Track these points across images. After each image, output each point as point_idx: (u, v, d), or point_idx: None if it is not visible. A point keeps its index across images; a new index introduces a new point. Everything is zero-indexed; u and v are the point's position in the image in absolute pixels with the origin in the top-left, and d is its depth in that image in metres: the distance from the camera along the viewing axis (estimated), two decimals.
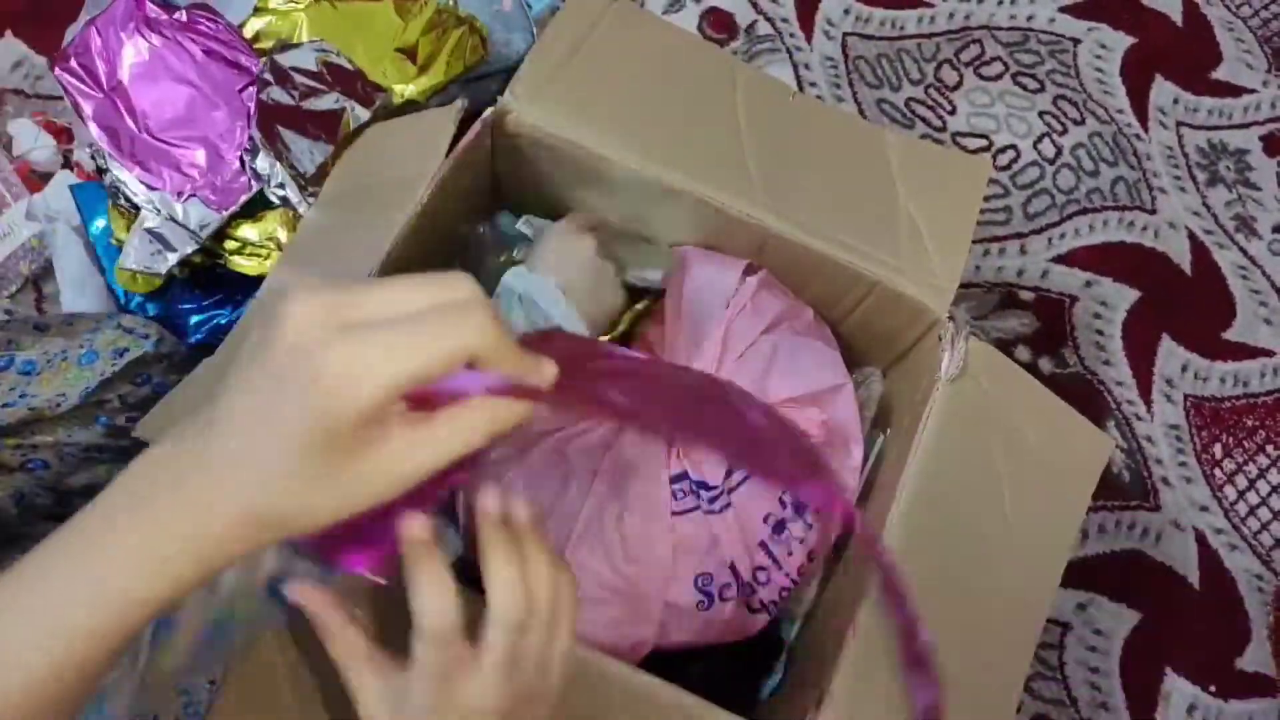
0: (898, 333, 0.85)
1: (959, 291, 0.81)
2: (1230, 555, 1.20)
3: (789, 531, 0.76)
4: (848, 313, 0.86)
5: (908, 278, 0.81)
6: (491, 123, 0.81)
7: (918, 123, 1.39)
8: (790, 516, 0.77)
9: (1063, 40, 1.48)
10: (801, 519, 0.77)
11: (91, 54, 0.97)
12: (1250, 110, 1.48)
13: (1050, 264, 1.33)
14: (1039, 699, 1.11)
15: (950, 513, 0.74)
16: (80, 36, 0.98)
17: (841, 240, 0.81)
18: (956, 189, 0.86)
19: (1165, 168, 1.41)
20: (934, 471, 0.74)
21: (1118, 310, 1.31)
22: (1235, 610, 1.18)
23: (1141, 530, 1.20)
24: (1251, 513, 1.23)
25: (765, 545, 0.75)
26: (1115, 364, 1.28)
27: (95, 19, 0.99)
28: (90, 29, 0.97)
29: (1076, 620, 1.14)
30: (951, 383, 0.77)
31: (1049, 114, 1.42)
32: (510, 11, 1.24)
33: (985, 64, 1.45)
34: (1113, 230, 1.36)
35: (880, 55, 1.43)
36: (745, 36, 1.41)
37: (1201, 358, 1.30)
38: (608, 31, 0.85)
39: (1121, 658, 1.14)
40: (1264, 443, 1.27)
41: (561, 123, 0.80)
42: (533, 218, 0.92)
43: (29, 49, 1.24)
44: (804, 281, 0.85)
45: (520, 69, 0.81)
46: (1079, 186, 1.38)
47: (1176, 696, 1.13)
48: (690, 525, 0.74)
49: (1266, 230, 1.40)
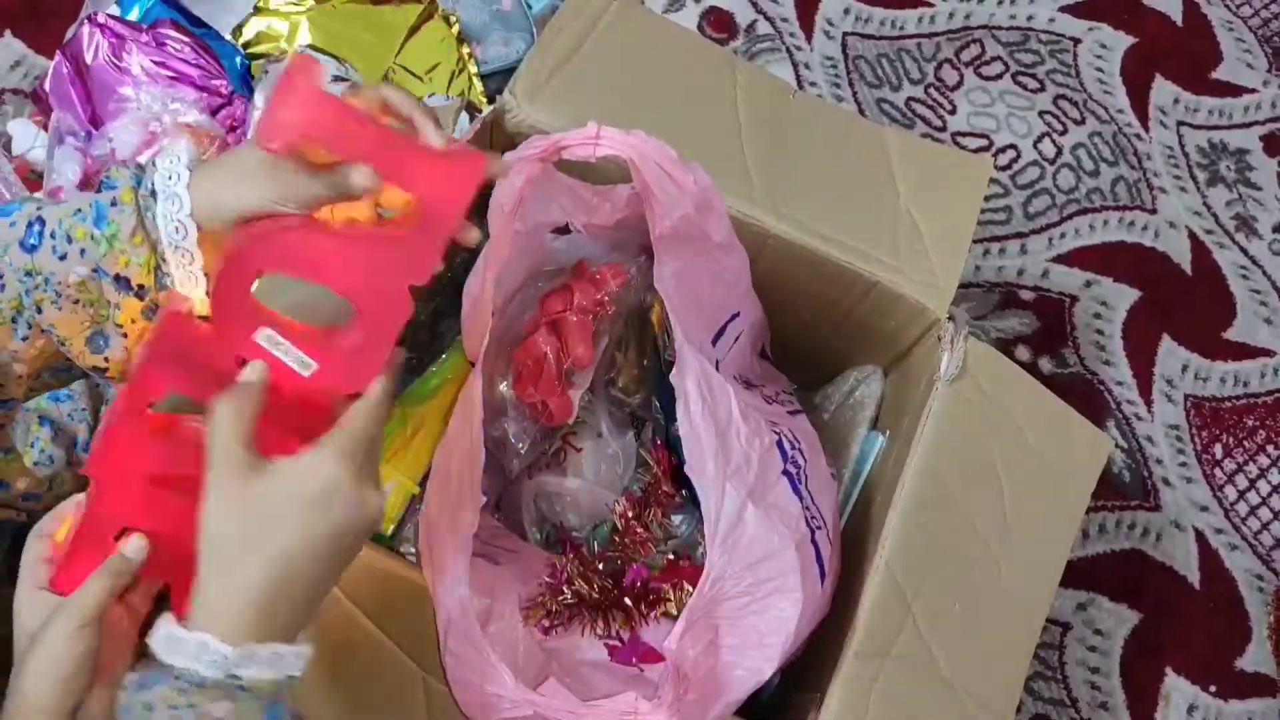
0: (897, 333, 0.85)
1: (959, 291, 0.81)
2: (1230, 555, 1.20)
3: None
4: (848, 313, 0.86)
5: (907, 278, 0.81)
6: (491, 122, 0.81)
7: (918, 122, 1.39)
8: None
9: (1063, 40, 1.48)
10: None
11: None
12: (1250, 110, 1.48)
13: (1050, 264, 1.32)
14: (1039, 699, 1.11)
15: (950, 512, 0.74)
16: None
17: (841, 240, 0.81)
18: (957, 189, 0.86)
19: (1165, 167, 1.41)
20: (934, 471, 0.74)
21: (1118, 310, 1.31)
22: (1235, 610, 1.18)
23: (1141, 530, 1.20)
24: (1252, 513, 1.23)
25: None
26: (1115, 364, 1.28)
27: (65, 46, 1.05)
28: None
29: (1076, 620, 1.14)
30: (951, 383, 0.77)
31: (1049, 114, 1.42)
32: (510, 11, 1.24)
33: (985, 64, 1.45)
34: (1113, 230, 1.36)
35: (880, 55, 1.43)
36: (745, 36, 1.41)
37: (1202, 358, 1.30)
38: (607, 31, 0.85)
39: (1121, 658, 1.14)
40: (1264, 443, 1.27)
41: (561, 122, 0.80)
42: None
43: (27, 48, 1.24)
44: (804, 281, 0.85)
45: (520, 68, 0.81)
46: (1079, 186, 1.38)
47: (1176, 696, 1.13)
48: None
49: (1267, 230, 1.40)
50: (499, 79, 1.22)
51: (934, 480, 0.74)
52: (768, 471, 0.67)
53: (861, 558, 0.75)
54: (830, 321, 0.88)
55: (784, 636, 0.64)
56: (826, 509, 0.73)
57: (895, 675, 0.69)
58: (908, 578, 0.71)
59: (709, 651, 0.64)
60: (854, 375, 0.93)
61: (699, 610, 0.62)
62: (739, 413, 0.65)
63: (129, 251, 0.56)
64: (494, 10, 1.24)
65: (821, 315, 0.88)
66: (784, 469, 0.69)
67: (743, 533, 0.63)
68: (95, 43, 1.08)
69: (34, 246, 0.56)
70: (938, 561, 0.72)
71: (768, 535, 0.64)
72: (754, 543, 0.63)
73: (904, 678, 0.69)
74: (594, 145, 0.63)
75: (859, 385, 0.91)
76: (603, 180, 0.82)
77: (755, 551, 0.63)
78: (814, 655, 0.77)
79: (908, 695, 0.69)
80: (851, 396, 0.91)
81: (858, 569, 0.75)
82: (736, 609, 0.65)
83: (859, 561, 0.76)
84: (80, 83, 1.09)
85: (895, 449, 0.81)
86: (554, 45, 0.83)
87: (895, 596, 0.70)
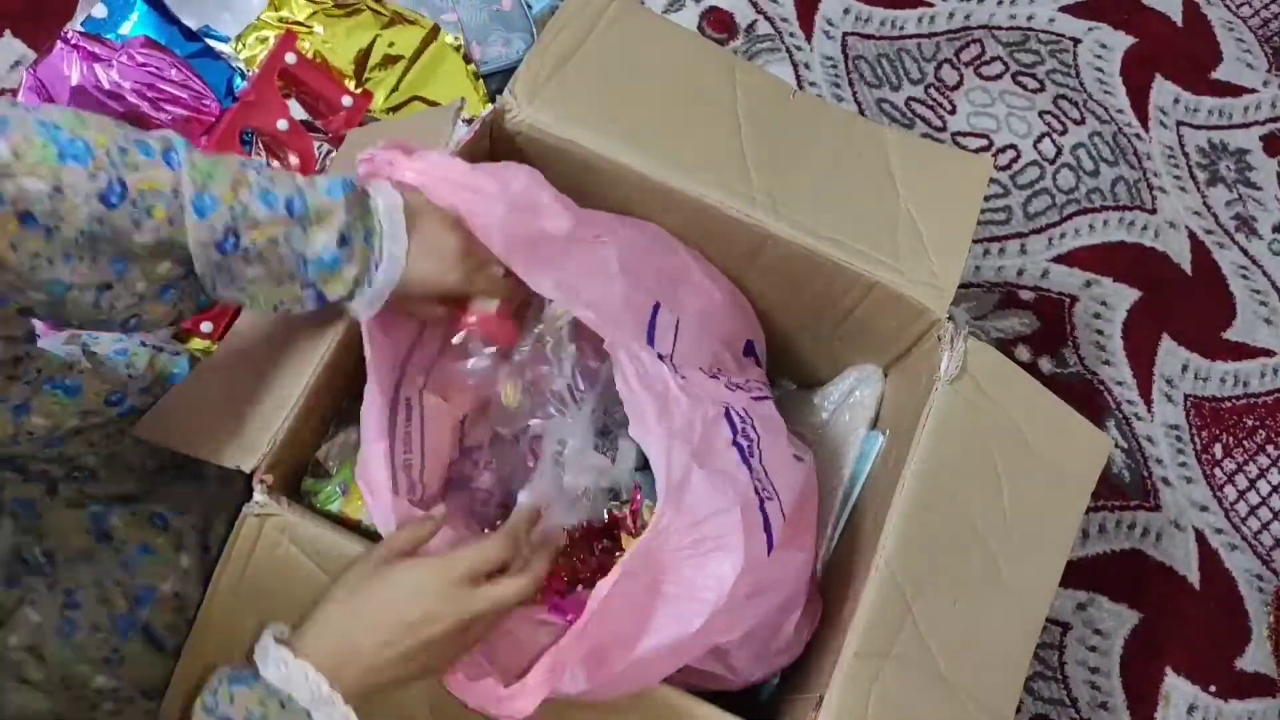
0: (897, 333, 0.85)
1: (959, 291, 0.81)
2: (1230, 555, 1.20)
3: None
4: (847, 313, 0.86)
5: (907, 278, 0.81)
6: (490, 122, 0.80)
7: (918, 122, 1.39)
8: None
9: (1063, 40, 1.48)
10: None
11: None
12: (1250, 110, 1.48)
13: (1050, 264, 1.32)
14: (1039, 699, 1.11)
15: (950, 512, 0.74)
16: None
17: (841, 240, 0.81)
18: (957, 188, 0.86)
19: (1165, 167, 1.41)
20: (934, 471, 0.74)
21: (1118, 310, 1.31)
22: (1235, 610, 1.18)
23: (1141, 530, 1.20)
24: (1252, 513, 1.23)
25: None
26: (1115, 364, 1.28)
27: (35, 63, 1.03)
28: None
29: (1076, 620, 1.14)
30: (951, 383, 0.77)
31: (1049, 114, 1.42)
32: (510, 11, 1.24)
33: (985, 64, 1.45)
34: (1113, 230, 1.36)
35: (880, 55, 1.43)
36: (745, 36, 1.41)
37: (1201, 357, 1.30)
38: (607, 31, 0.85)
39: (1121, 658, 1.14)
40: (1264, 443, 1.27)
41: (560, 122, 0.80)
42: None
43: (27, 48, 1.24)
44: (804, 281, 0.85)
45: (519, 69, 0.81)
46: (1079, 186, 1.38)
47: (1176, 696, 1.13)
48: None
49: (1267, 230, 1.40)
50: (499, 79, 1.22)
51: (934, 480, 0.74)
52: (714, 439, 0.68)
53: (861, 557, 0.75)
54: (830, 321, 0.88)
55: (718, 594, 0.64)
56: (784, 487, 0.73)
57: (895, 675, 0.69)
58: (907, 577, 0.71)
59: (644, 591, 0.65)
60: (854, 375, 0.93)
61: (638, 558, 0.63)
62: (676, 387, 0.67)
63: (339, 284, 0.62)
64: (494, 10, 1.24)
65: (821, 315, 0.88)
66: (734, 440, 0.70)
67: (688, 490, 0.64)
68: (74, 62, 1.05)
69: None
70: (937, 561, 0.72)
71: (713, 496, 0.65)
72: (699, 501, 0.65)
73: (903, 678, 0.69)
74: (388, 170, 0.67)
75: (859, 385, 0.92)
76: (599, 180, 0.82)
77: (700, 510, 0.65)
78: (813, 655, 0.77)
79: (907, 695, 0.69)
80: (851, 396, 0.91)
81: (857, 569, 0.75)
82: (677, 560, 0.65)
83: (858, 561, 0.76)
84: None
85: (895, 449, 0.81)
86: (553, 45, 0.83)
87: (895, 596, 0.70)
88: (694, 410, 0.68)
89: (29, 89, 1.07)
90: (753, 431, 0.73)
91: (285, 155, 1.00)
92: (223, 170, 0.58)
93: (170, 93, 1.05)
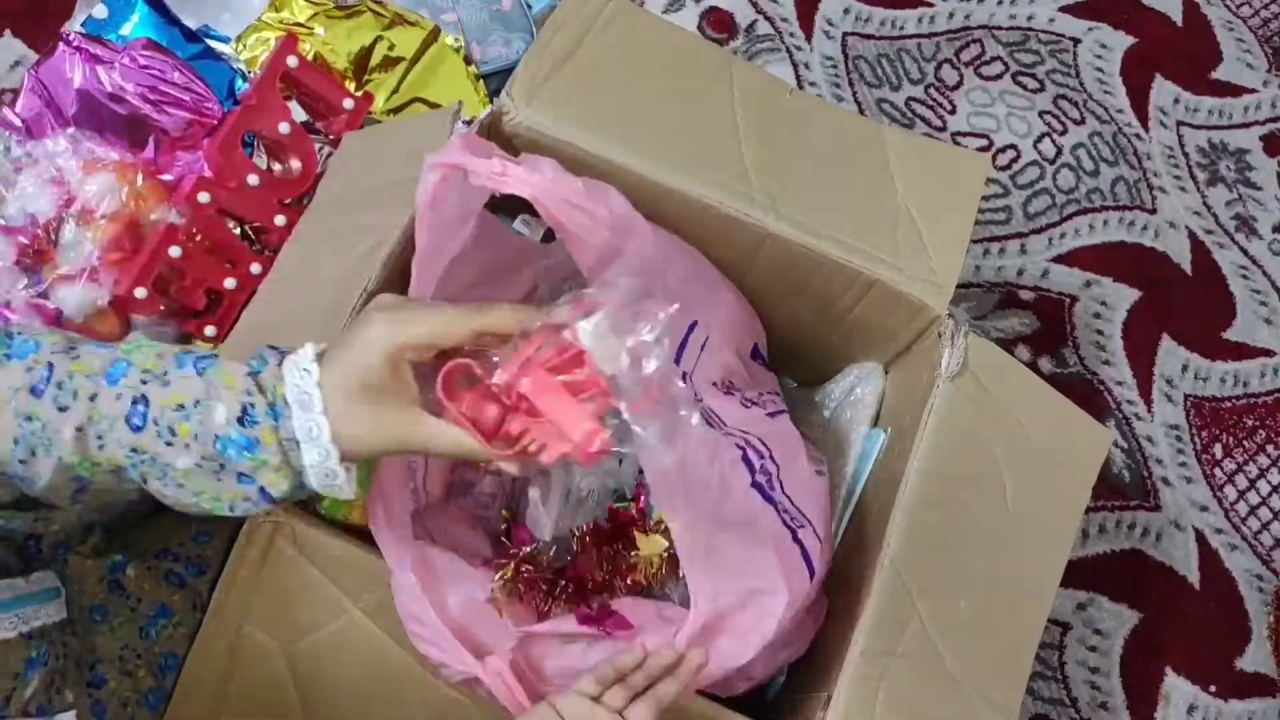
0: (897, 330, 0.85)
1: (959, 291, 0.81)
2: (1230, 555, 1.20)
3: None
4: (847, 311, 0.86)
5: (906, 275, 0.81)
6: (489, 123, 0.80)
7: (918, 122, 1.39)
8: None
9: (1063, 40, 1.48)
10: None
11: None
12: (1250, 110, 1.48)
13: (1050, 264, 1.32)
14: (1039, 699, 1.11)
15: (953, 508, 0.74)
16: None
17: (840, 239, 0.81)
18: (955, 186, 0.86)
19: (1165, 167, 1.41)
20: (936, 468, 0.74)
21: (1118, 310, 1.31)
22: (1235, 610, 1.18)
23: (1141, 530, 1.19)
24: (1252, 513, 1.23)
25: None
26: (1115, 364, 1.28)
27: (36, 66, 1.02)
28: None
29: (1076, 620, 1.14)
30: (952, 379, 0.77)
31: (1049, 114, 1.42)
32: (510, 11, 1.25)
33: (985, 64, 1.45)
34: (1113, 230, 1.36)
35: (880, 55, 1.43)
36: (745, 36, 1.41)
37: (1201, 357, 1.30)
38: (604, 31, 0.84)
39: (1121, 658, 1.14)
40: (1264, 443, 1.27)
41: (558, 123, 0.80)
42: (529, 217, 0.92)
43: (27, 48, 1.24)
44: (803, 280, 0.85)
45: (517, 69, 0.81)
46: (1079, 186, 1.38)
47: (1176, 696, 1.13)
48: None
49: (1267, 230, 1.40)
50: (499, 79, 1.22)
51: (936, 476, 0.74)
52: (732, 489, 0.69)
53: (866, 555, 0.75)
54: (830, 319, 0.88)
55: (765, 634, 0.66)
56: (810, 507, 0.73)
57: (902, 672, 0.69)
58: (912, 575, 0.71)
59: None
60: (855, 372, 0.93)
61: (696, 626, 0.64)
62: (695, 440, 0.67)
63: (274, 480, 0.54)
64: (494, 10, 1.24)
65: (821, 313, 0.88)
66: (753, 481, 0.70)
67: (719, 555, 0.65)
68: (76, 65, 1.03)
69: (138, 428, 0.52)
70: (942, 558, 0.72)
71: (745, 551, 0.66)
72: (729, 561, 0.66)
73: (910, 675, 0.69)
74: (498, 180, 0.62)
75: (860, 382, 0.92)
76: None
77: (737, 569, 0.66)
78: (820, 654, 0.77)
79: (914, 692, 0.69)
80: (852, 394, 0.91)
81: (862, 567, 0.74)
82: (731, 611, 0.66)
83: (863, 559, 0.76)
84: (59, 111, 1.05)
85: (897, 446, 0.81)
86: (550, 46, 0.83)
87: (900, 594, 0.70)
88: (710, 467, 0.67)
89: (30, 90, 1.06)
90: (772, 464, 0.73)
91: (287, 159, 0.99)
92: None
93: (173, 95, 1.05)
